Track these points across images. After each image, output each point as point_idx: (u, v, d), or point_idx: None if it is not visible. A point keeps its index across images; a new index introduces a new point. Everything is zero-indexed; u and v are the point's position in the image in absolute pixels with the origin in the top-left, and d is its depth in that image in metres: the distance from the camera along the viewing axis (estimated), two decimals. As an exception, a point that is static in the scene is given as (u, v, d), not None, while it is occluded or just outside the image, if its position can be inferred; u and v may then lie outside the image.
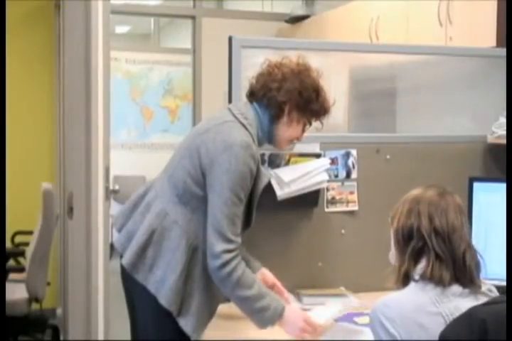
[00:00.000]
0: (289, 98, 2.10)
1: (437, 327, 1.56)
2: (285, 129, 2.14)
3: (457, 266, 1.66)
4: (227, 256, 1.96)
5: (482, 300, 1.62)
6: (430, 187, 1.77)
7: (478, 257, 1.71)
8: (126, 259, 2.07)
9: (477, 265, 1.70)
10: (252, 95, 2.16)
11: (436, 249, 1.66)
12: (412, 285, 1.70)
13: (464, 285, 1.67)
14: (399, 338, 1.60)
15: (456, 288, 1.66)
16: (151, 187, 2.15)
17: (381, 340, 1.63)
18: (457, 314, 1.56)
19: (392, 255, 1.80)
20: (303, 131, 2.19)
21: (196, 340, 2.05)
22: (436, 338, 1.51)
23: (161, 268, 2.04)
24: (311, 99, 2.12)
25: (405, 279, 1.72)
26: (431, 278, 1.66)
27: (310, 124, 2.19)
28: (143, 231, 2.06)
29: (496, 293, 1.71)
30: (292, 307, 2.10)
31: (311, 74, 2.15)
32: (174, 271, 2.02)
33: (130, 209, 2.17)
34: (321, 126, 2.23)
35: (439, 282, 1.65)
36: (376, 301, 1.69)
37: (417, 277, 1.69)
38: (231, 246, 1.97)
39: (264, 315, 2.00)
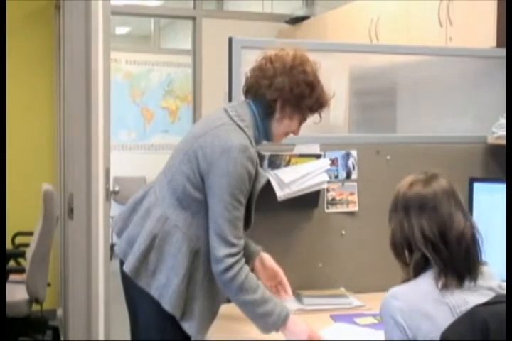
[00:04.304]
0: (278, 95, 2.07)
1: (443, 318, 1.56)
2: (277, 125, 2.12)
3: (460, 263, 1.66)
4: (230, 261, 1.96)
5: (491, 295, 1.62)
6: (414, 180, 1.77)
7: (477, 238, 1.70)
8: (129, 266, 2.06)
9: (477, 249, 1.70)
10: (247, 92, 2.15)
11: (438, 261, 1.66)
12: (419, 277, 1.70)
13: (470, 278, 1.66)
14: (407, 329, 1.60)
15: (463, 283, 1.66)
16: (149, 191, 2.13)
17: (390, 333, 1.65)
18: (464, 307, 1.57)
19: None
20: (299, 125, 2.16)
21: None
22: (442, 329, 1.51)
23: (163, 273, 2.03)
24: (303, 95, 2.08)
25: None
26: (444, 286, 1.65)
27: (305, 119, 2.16)
28: (144, 237, 2.05)
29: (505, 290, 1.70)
30: (297, 319, 2.06)
31: (306, 68, 2.10)
32: (177, 275, 2.01)
33: (129, 213, 2.15)
34: (320, 120, 2.18)
35: (450, 286, 1.66)
36: (384, 297, 1.69)
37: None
38: (233, 250, 1.97)
39: (267, 321, 1.99)
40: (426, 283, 1.67)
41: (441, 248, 1.66)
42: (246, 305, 1.99)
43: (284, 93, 2.07)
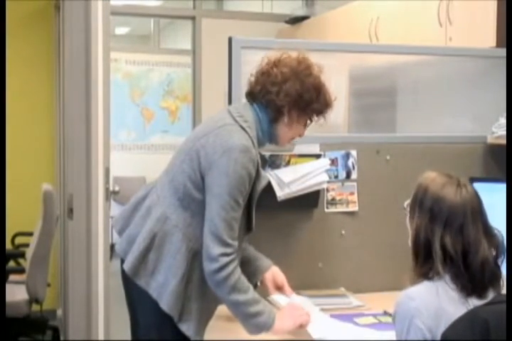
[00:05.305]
0: (288, 101, 2.07)
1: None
2: (286, 130, 2.13)
3: (483, 283, 1.64)
4: (225, 260, 1.95)
5: None
6: (446, 182, 1.73)
7: (497, 262, 1.68)
8: (128, 265, 2.06)
9: (494, 275, 1.67)
10: (252, 96, 2.14)
11: (459, 279, 1.64)
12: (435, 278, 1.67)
13: (492, 292, 1.65)
14: (426, 331, 1.58)
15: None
16: (151, 191, 2.13)
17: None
18: None
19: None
20: (305, 127, 2.17)
21: None
22: None
23: (162, 272, 2.03)
24: (311, 100, 2.09)
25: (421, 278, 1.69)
26: (462, 289, 1.64)
27: (312, 121, 2.17)
28: (144, 236, 2.05)
29: None
30: (281, 316, 2.07)
31: (312, 72, 2.10)
32: (175, 276, 2.01)
33: (130, 212, 2.16)
34: (324, 121, 2.19)
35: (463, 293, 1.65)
36: (398, 297, 1.65)
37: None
38: (228, 250, 1.96)
39: (259, 320, 1.99)
40: (443, 284, 1.64)
41: (461, 269, 1.63)
42: (239, 304, 1.99)
43: (293, 98, 2.07)
